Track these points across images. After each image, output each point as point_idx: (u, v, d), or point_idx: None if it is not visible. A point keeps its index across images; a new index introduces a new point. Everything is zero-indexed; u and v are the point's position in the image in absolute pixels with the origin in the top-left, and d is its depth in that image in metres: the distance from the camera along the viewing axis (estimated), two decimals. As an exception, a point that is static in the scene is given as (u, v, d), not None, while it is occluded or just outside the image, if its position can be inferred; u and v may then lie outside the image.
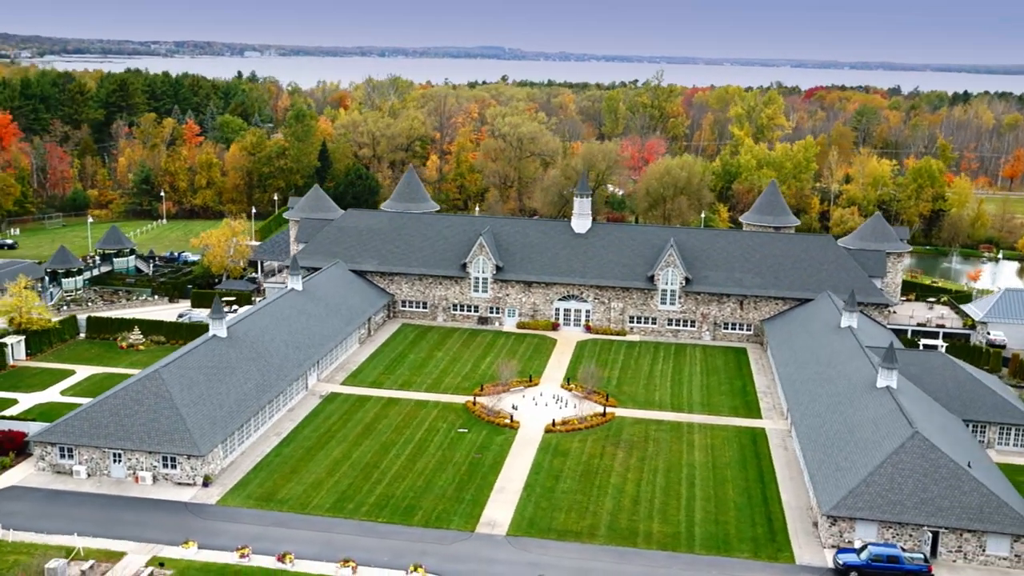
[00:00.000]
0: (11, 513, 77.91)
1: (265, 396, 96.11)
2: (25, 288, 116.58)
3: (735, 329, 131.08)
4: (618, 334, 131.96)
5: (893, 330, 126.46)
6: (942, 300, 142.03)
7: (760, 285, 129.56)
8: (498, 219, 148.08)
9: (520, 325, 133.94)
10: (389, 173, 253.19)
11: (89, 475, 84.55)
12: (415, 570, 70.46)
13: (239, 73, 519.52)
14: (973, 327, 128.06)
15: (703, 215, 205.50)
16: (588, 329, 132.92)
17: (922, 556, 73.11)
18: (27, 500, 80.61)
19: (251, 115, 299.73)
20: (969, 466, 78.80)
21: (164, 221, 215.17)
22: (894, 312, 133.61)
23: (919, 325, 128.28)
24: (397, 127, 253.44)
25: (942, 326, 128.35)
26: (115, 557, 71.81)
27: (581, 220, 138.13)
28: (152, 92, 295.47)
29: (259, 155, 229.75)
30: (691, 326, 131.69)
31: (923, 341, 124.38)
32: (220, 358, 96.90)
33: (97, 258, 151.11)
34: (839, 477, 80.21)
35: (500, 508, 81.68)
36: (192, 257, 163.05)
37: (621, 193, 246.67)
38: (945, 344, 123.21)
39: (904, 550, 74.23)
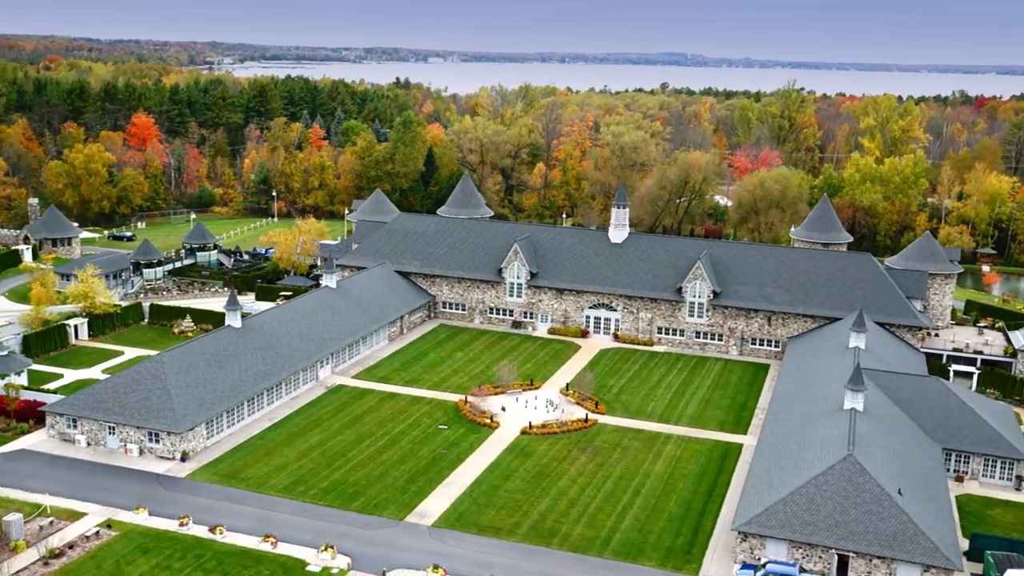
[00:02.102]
0: (10, 472, 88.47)
1: (263, 383, 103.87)
2: (92, 276, 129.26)
3: (762, 345, 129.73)
4: (645, 344, 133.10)
5: (928, 354, 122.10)
6: (996, 326, 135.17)
7: (789, 302, 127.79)
8: (540, 227, 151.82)
9: (551, 331, 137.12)
10: (499, 179, 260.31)
11: (88, 444, 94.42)
12: (325, 550, 75.84)
13: (396, 79, 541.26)
14: (1015, 355, 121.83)
15: (792, 229, 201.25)
16: (616, 338, 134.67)
17: (820, 578, 72.65)
18: (29, 461, 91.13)
19: (384, 121, 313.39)
20: (900, 493, 77.27)
21: (275, 219, 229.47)
22: (935, 335, 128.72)
23: (955, 350, 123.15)
24: (506, 135, 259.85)
25: (980, 352, 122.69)
26: (76, 517, 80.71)
27: (617, 230, 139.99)
28: (291, 98, 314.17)
29: (367, 159, 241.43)
30: (719, 340, 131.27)
31: (954, 367, 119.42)
32: (228, 346, 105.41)
33: (183, 251, 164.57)
34: (764, 494, 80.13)
35: (438, 501, 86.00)
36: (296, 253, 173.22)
37: (726, 204, 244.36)
38: (979, 371, 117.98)
39: (804, 570, 73.96)
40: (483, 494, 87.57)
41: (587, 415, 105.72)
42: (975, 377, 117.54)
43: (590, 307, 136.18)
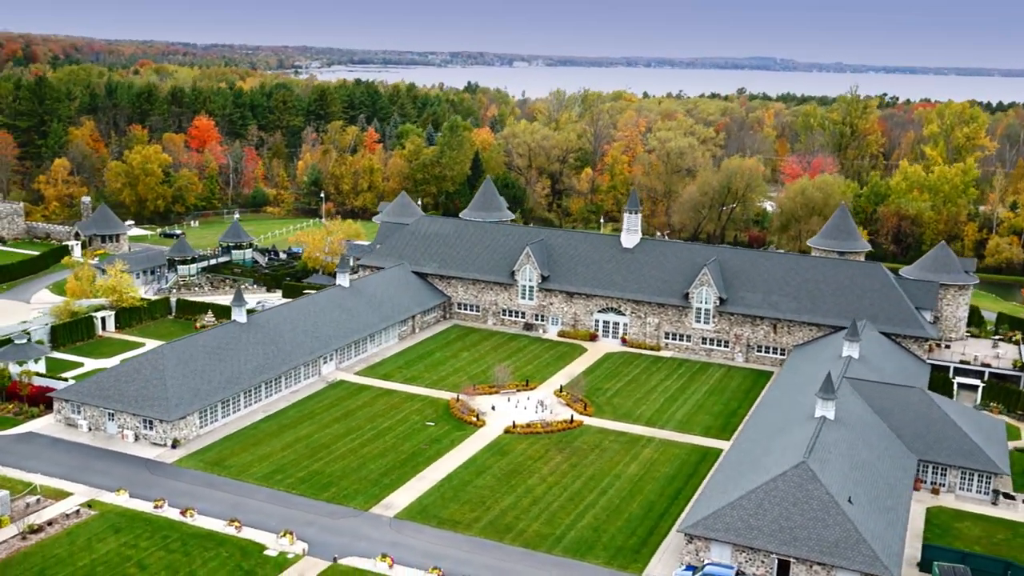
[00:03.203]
0: (15, 452, 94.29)
1: (261, 377, 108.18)
2: (121, 271, 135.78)
3: (768, 352, 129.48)
4: (652, 349, 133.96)
5: (934, 366, 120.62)
6: (1014, 339, 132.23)
7: (795, 310, 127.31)
8: (554, 231, 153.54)
9: (561, 334, 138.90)
10: (548, 183, 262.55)
11: (89, 429, 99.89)
12: (284, 535, 79.36)
13: (468, 83, 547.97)
14: (1023, 369, 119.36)
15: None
16: (624, 342, 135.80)
17: (757, 582, 73.29)
18: (33, 443, 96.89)
19: (440, 124, 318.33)
20: (850, 501, 77.43)
21: (323, 220, 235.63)
22: (946, 347, 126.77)
23: (962, 363, 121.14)
24: (554, 139, 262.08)
25: (988, 365, 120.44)
26: (62, 496, 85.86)
27: (630, 235, 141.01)
28: (351, 102, 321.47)
29: (415, 162, 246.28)
30: (725, 346, 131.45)
31: (958, 379, 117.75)
32: (230, 340, 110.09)
33: (219, 249, 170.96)
34: (716, 498, 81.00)
35: (406, 494, 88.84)
36: (320, 252, 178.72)
37: (776, 210, 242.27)
38: (983, 384, 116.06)
39: (742, 574, 74.73)
40: (451, 489, 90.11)
41: (572, 416, 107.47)
42: (979, 390, 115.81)
43: (599, 311, 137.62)
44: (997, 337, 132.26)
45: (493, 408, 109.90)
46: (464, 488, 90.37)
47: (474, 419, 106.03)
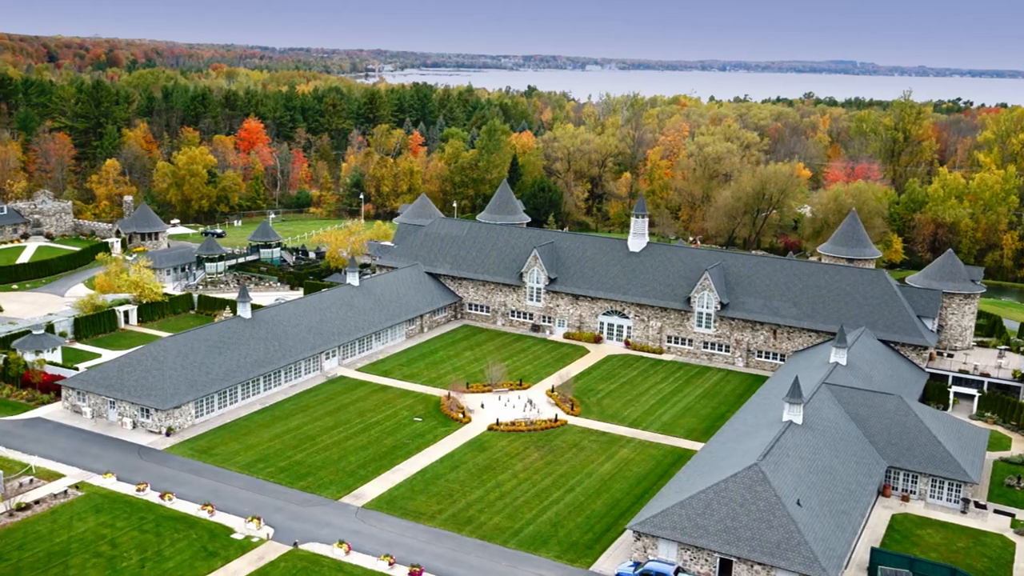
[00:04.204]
0: (19, 436, 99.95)
1: (259, 370, 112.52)
2: (144, 267, 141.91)
3: (768, 358, 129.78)
4: (654, 352, 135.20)
5: (933, 375, 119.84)
6: (1021, 349, 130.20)
7: (795, 316, 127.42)
8: (564, 234, 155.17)
9: (567, 335, 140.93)
10: (587, 187, 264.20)
11: (93, 416, 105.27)
12: (252, 520, 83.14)
13: (528, 87, 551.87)
14: (1023, 379, 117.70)
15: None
16: (627, 345, 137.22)
17: (695, 580, 74.69)
18: (39, 428, 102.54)
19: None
20: (799, 504, 78.32)
21: (361, 220, 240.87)
22: (948, 355, 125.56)
23: (960, 372, 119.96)
24: (594, 143, 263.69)
25: (987, 375, 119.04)
26: (55, 477, 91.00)
27: (636, 239, 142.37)
28: (400, 105, 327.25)
29: (454, 165, 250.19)
30: (726, 351, 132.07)
31: (954, 389, 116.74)
32: (232, 335, 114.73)
33: (248, 248, 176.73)
34: (670, 497, 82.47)
35: (378, 485, 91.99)
36: (343, 252, 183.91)
37: (808, 216, 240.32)
38: (979, 394, 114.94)
39: (682, 570, 76.22)
40: (423, 482, 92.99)
41: (557, 416, 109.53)
42: (976, 400, 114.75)
43: (604, 313, 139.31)
44: (1004, 347, 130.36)
45: (482, 406, 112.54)
46: (435, 481, 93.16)
47: (460, 416, 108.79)
